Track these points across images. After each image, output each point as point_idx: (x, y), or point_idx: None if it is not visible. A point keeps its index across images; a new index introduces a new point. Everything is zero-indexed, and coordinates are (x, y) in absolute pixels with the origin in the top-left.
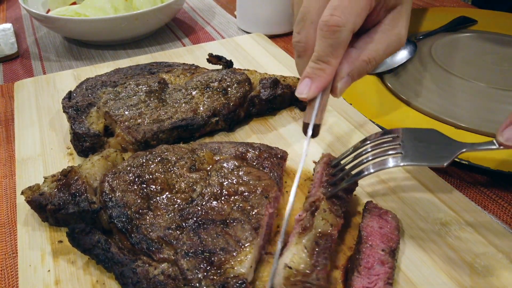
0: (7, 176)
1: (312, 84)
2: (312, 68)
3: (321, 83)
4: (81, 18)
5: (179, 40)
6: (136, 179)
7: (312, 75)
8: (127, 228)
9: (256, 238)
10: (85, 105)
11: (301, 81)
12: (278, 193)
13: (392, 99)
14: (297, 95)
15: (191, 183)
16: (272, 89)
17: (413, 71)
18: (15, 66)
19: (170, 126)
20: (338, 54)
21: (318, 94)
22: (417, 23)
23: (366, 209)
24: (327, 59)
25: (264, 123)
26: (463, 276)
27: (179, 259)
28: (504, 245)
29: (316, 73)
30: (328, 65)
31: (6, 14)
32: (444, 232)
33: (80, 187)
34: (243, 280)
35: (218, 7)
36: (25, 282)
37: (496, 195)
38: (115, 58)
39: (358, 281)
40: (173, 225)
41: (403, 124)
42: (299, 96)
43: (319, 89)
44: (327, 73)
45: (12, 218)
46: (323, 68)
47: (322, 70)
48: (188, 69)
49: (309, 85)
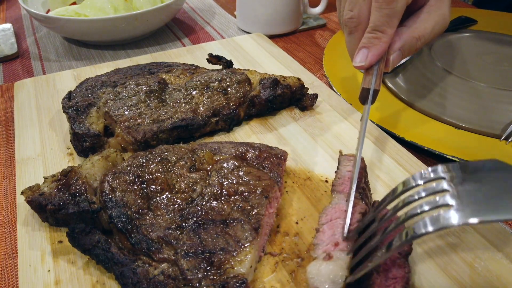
0: (7, 176)
1: (369, 52)
2: (368, 38)
3: (378, 51)
4: (81, 18)
5: (179, 40)
6: (136, 179)
7: (368, 44)
8: (127, 228)
9: (256, 238)
10: (85, 105)
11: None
12: (278, 193)
13: (392, 99)
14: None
15: (191, 183)
16: (272, 89)
17: (413, 71)
18: (15, 66)
19: (170, 126)
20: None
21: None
22: None
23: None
24: (383, 28)
25: (264, 123)
26: (463, 276)
27: (179, 259)
28: (504, 245)
29: (373, 42)
30: (384, 34)
31: (6, 14)
32: (444, 232)
33: (80, 187)
34: (243, 280)
35: (218, 7)
36: (25, 282)
37: None
38: (115, 58)
39: (378, 280)
40: (173, 225)
41: (403, 124)
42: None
43: (376, 57)
44: (383, 41)
45: (12, 218)
46: (379, 37)
47: (379, 39)
48: (188, 69)
49: (366, 53)
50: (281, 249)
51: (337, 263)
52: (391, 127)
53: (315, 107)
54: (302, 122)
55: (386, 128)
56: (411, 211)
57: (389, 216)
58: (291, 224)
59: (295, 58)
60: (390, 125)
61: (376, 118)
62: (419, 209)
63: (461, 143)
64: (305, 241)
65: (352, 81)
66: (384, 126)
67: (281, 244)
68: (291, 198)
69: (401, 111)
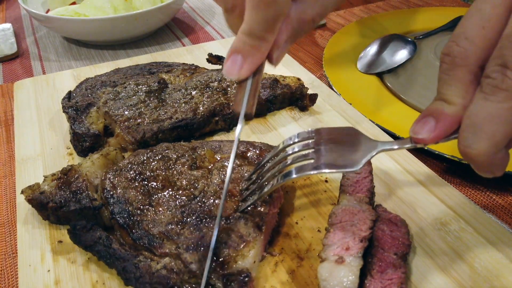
0: (7, 176)
1: (244, 62)
2: (243, 43)
3: (255, 62)
4: (80, 18)
5: (178, 40)
6: (137, 176)
7: (243, 51)
8: (129, 224)
9: (259, 235)
10: (84, 105)
11: (229, 56)
12: (281, 192)
13: (392, 99)
14: (225, 75)
15: (193, 181)
16: (271, 89)
17: (413, 71)
18: (14, 66)
19: (169, 126)
20: (275, 29)
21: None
22: (417, 23)
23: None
24: (262, 34)
25: (264, 123)
26: (463, 276)
27: (182, 252)
28: (504, 245)
29: (248, 50)
30: (263, 42)
31: (5, 14)
32: (444, 232)
33: (81, 184)
34: (247, 274)
35: (217, 6)
36: (25, 282)
37: (496, 195)
38: (114, 58)
39: (371, 285)
40: (175, 220)
41: (403, 124)
42: (227, 77)
43: (252, 69)
44: (262, 51)
45: (11, 218)
46: (257, 45)
47: (256, 48)
48: (187, 69)
49: (240, 63)
50: (281, 249)
51: (349, 268)
52: (390, 126)
53: (315, 107)
54: (302, 122)
55: (386, 127)
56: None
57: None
58: (291, 224)
59: (295, 58)
60: (389, 124)
61: (375, 117)
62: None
63: None
64: (305, 241)
65: (352, 81)
66: (383, 126)
67: (281, 244)
68: (291, 198)
69: (401, 111)
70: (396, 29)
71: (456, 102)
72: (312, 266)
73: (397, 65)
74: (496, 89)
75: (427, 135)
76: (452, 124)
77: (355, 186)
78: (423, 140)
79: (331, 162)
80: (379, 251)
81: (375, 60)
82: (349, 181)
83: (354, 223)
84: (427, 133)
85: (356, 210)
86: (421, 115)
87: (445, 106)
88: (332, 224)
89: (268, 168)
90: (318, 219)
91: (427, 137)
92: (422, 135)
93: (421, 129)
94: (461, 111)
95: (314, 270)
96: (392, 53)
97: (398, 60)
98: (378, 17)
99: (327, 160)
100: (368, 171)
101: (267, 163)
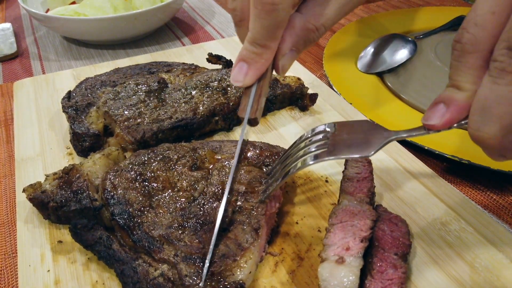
0: (7, 176)
1: (248, 70)
2: (248, 51)
3: (259, 69)
4: (80, 18)
5: (178, 40)
6: (138, 177)
7: (248, 59)
8: (129, 225)
9: (256, 240)
10: (84, 105)
11: (235, 64)
12: (279, 192)
13: (392, 99)
14: (232, 82)
15: (193, 182)
16: (271, 89)
17: (413, 70)
18: (14, 66)
19: (169, 125)
20: (277, 36)
21: (256, 81)
22: (417, 22)
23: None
24: (264, 42)
25: (264, 123)
26: (463, 276)
27: (179, 262)
28: (505, 245)
29: (252, 58)
30: (265, 49)
31: (5, 13)
32: (444, 232)
33: (82, 184)
34: (241, 284)
35: (217, 6)
36: (25, 282)
37: (496, 195)
38: (114, 57)
39: (371, 285)
40: (175, 224)
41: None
42: (234, 84)
43: (256, 76)
44: (265, 58)
45: (11, 218)
46: (260, 52)
47: (259, 55)
48: (187, 68)
49: (245, 71)
50: (281, 249)
51: (350, 268)
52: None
53: (315, 107)
54: (302, 122)
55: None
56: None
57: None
58: (291, 224)
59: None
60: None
61: (376, 117)
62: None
63: (461, 143)
64: (305, 241)
65: (352, 80)
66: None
67: (281, 244)
68: (291, 198)
69: (401, 111)
70: (397, 28)
71: (467, 88)
72: (312, 266)
73: (398, 64)
74: (504, 72)
75: (438, 121)
76: (463, 110)
77: (356, 186)
78: (435, 126)
79: (344, 149)
80: (379, 251)
81: (375, 60)
82: (350, 181)
83: (355, 223)
84: (438, 119)
85: (356, 210)
86: (433, 102)
87: (456, 92)
88: (333, 224)
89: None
90: (318, 219)
91: (438, 122)
92: (433, 121)
93: (433, 115)
94: (472, 97)
95: (314, 270)
96: (393, 53)
97: (398, 60)
98: (378, 17)
99: (341, 148)
100: (369, 171)
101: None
